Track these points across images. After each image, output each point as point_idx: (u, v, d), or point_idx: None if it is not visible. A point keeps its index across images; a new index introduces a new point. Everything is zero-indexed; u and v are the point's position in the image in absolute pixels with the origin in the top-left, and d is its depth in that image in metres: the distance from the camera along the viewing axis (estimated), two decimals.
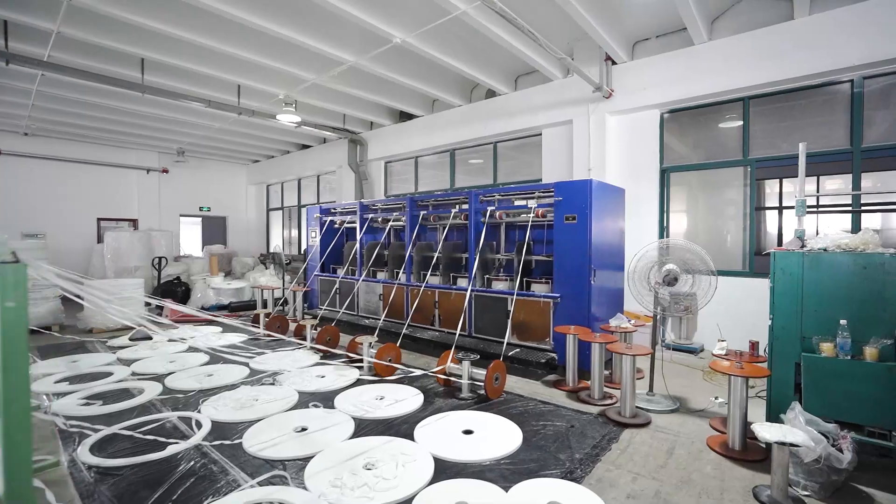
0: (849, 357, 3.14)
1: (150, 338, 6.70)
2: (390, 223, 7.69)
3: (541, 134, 8.17)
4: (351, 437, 3.57)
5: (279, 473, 3.00)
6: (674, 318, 6.34)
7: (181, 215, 14.39)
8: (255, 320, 7.60)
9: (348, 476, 2.94)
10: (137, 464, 3.12)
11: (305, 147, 13.47)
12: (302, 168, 13.57)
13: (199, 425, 3.77)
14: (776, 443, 2.63)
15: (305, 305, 9.06)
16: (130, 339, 6.74)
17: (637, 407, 4.09)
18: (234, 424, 3.81)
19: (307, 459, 3.18)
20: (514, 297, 5.51)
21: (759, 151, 6.18)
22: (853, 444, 2.81)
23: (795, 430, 2.71)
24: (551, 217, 5.53)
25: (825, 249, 3.38)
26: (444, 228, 7.01)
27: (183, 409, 4.18)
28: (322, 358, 5.85)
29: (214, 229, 15.41)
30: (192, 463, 3.15)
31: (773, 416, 3.47)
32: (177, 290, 10.15)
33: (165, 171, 13.76)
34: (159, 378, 5.03)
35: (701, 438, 3.62)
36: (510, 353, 5.31)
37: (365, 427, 3.78)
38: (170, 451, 3.29)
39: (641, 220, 6.86)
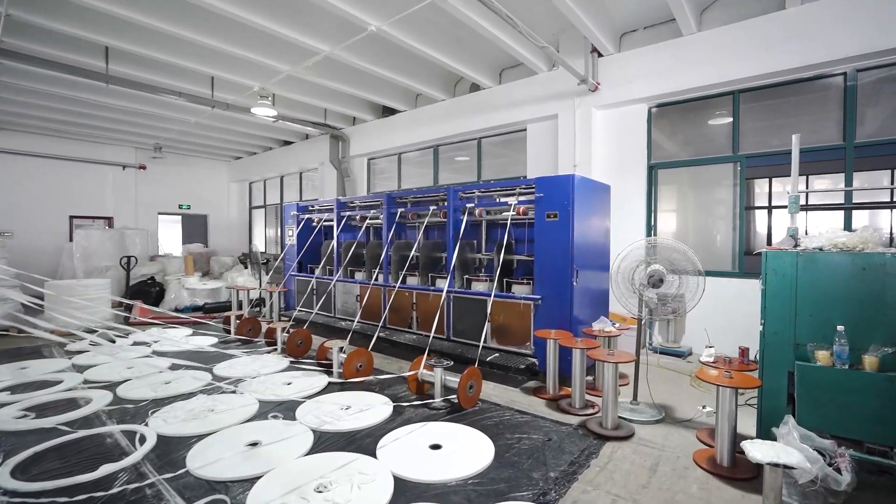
0: (846, 366, 2.88)
1: (114, 341, 6.32)
2: (368, 221, 7.37)
3: (526, 129, 7.89)
4: (307, 454, 3.26)
5: (219, 498, 2.68)
6: (661, 321, 6.09)
7: (160, 213, 13.92)
8: (227, 322, 7.26)
9: (296, 500, 2.63)
10: (62, 487, 2.78)
11: (287, 143, 13.09)
12: (284, 165, 13.19)
13: (142, 440, 3.44)
14: (769, 464, 2.36)
15: (283, 307, 8.72)
16: (91, 344, 6.36)
17: (620, 417, 3.83)
18: (183, 439, 3.49)
19: (255, 480, 2.87)
20: (493, 298, 5.22)
21: (749, 148, 5.95)
22: (852, 463, 2.55)
23: (789, 450, 2.44)
24: (533, 214, 5.25)
25: (821, 249, 3.11)
26: (423, 226, 6.71)
27: (130, 421, 3.84)
28: (292, 363, 5.55)
29: (195, 228, 14.94)
30: (124, 485, 2.82)
31: (764, 429, 3.22)
32: (150, 290, 9.74)
33: (142, 167, 13.29)
34: (112, 386, 4.68)
35: (687, 453, 3.35)
36: (489, 359, 5.02)
37: (325, 441, 3.47)
38: (102, 471, 2.96)
39: (628, 219, 6.60)
